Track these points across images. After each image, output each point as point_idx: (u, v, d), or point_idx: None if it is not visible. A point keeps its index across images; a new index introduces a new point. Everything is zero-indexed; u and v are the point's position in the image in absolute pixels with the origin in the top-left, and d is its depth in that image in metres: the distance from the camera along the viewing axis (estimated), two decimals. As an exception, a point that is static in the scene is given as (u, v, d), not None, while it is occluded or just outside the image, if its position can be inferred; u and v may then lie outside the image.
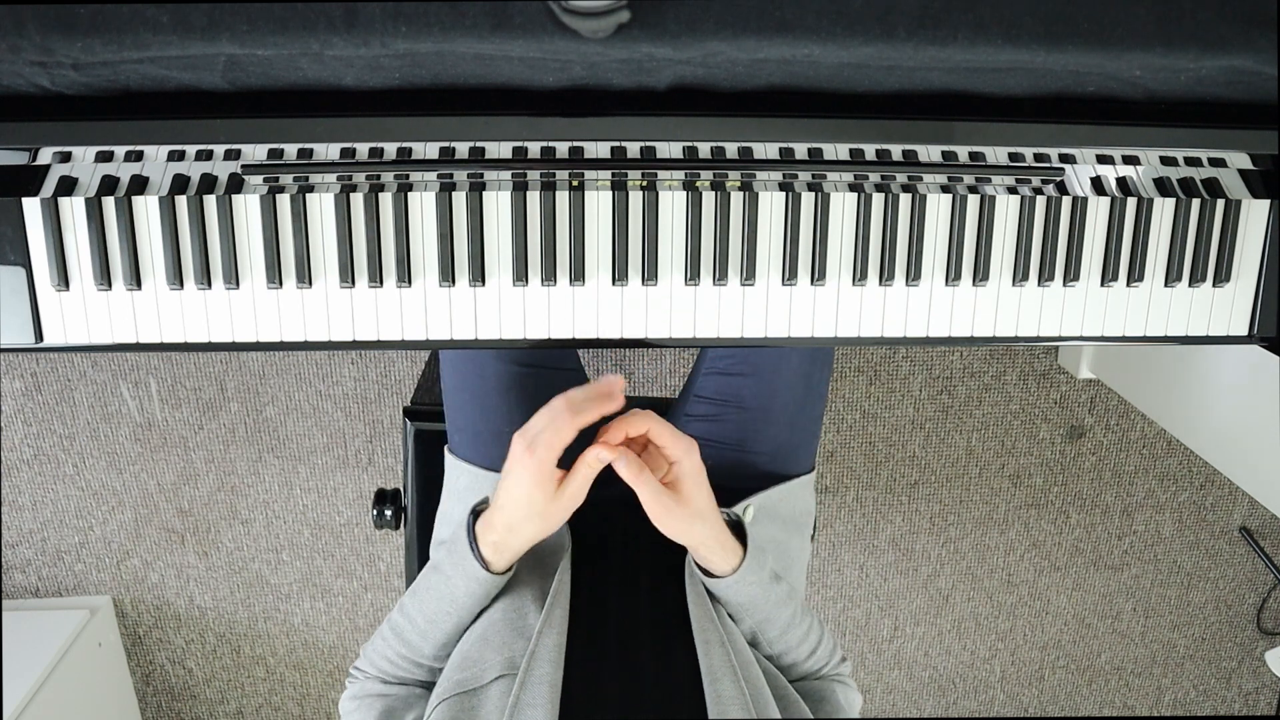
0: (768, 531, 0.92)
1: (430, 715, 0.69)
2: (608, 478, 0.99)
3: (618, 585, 0.82)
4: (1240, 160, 0.77)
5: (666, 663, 0.73)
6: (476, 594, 0.76)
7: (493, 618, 0.76)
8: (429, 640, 0.77)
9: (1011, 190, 0.76)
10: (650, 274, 0.74)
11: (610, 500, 0.96)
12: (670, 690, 0.70)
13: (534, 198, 0.73)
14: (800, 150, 0.73)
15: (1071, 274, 0.77)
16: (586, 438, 0.73)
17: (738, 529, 0.79)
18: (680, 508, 0.73)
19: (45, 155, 0.70)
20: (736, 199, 0.74)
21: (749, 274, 0.74)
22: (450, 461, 0.98)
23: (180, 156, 0.72)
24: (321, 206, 0.72)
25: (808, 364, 0.94)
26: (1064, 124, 0.69)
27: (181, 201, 0.71)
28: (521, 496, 0.72)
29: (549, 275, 0.73)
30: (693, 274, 0.74)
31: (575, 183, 0.73)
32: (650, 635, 0.76)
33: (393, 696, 0.77)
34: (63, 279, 0.71)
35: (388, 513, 1.20)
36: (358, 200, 0.72)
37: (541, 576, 0.79)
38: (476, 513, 0.78)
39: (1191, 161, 0.77)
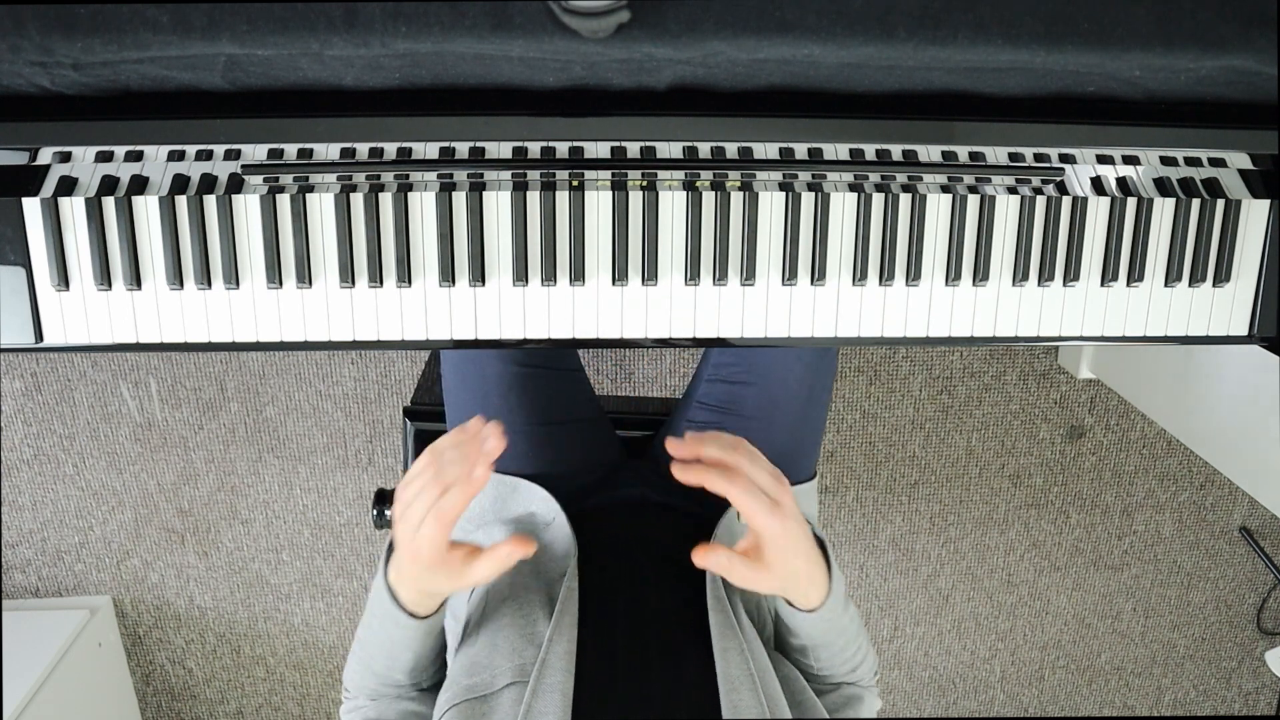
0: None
1: (441, 719, 0.69)
2: (614, 480, 0.99)
3: (626, 590, 0.81)
4: (1240, 160, 0.77)
5: (677, 668, 0.72)
6: (414, 632, 0.74)
7: (500, 624, 0.75)
8: (396, 669, 0.77)
9: (1011, 190, 0.76)
10: (650, 274, 0.74)
11: (617, 504, 0.96)
12: (681, 696, 0.70)
13: (534, 198, 0.73)
14: (800, 150, 0.73)
15: (1071, 274, 0.77)
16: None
17: (823, 549, 0.75)
18: (766, 576, 0.68)
19: (45, 155, 0.70)
20: (736, 199, 0.74)
21: (749, 274, 0.74)
22: (450, 461, 0.98)
23: (180, 156, 0.72)
24: (321, 206, 0.72)
25: (811, 374, 0.94)
26: (1064, 124, 0.69)
27: (181, 201, 0.71)
28: (412, 575, 0.69)
29: (549, 275, 0.73)
30: (693, 274, 0.74)
31: (575, 183, 0.73)
32: (659, 641, 0.75)
33: (382, 703, 0.78)
34: (63, 279, 0.71)
35: (388, 513, 1.20)
36: (358, 200, 0.72)
37: (548, 582, 0.79)
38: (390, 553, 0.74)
39: (1191, 161, 0.77)
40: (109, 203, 0.71)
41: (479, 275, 0.73)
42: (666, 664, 0.73)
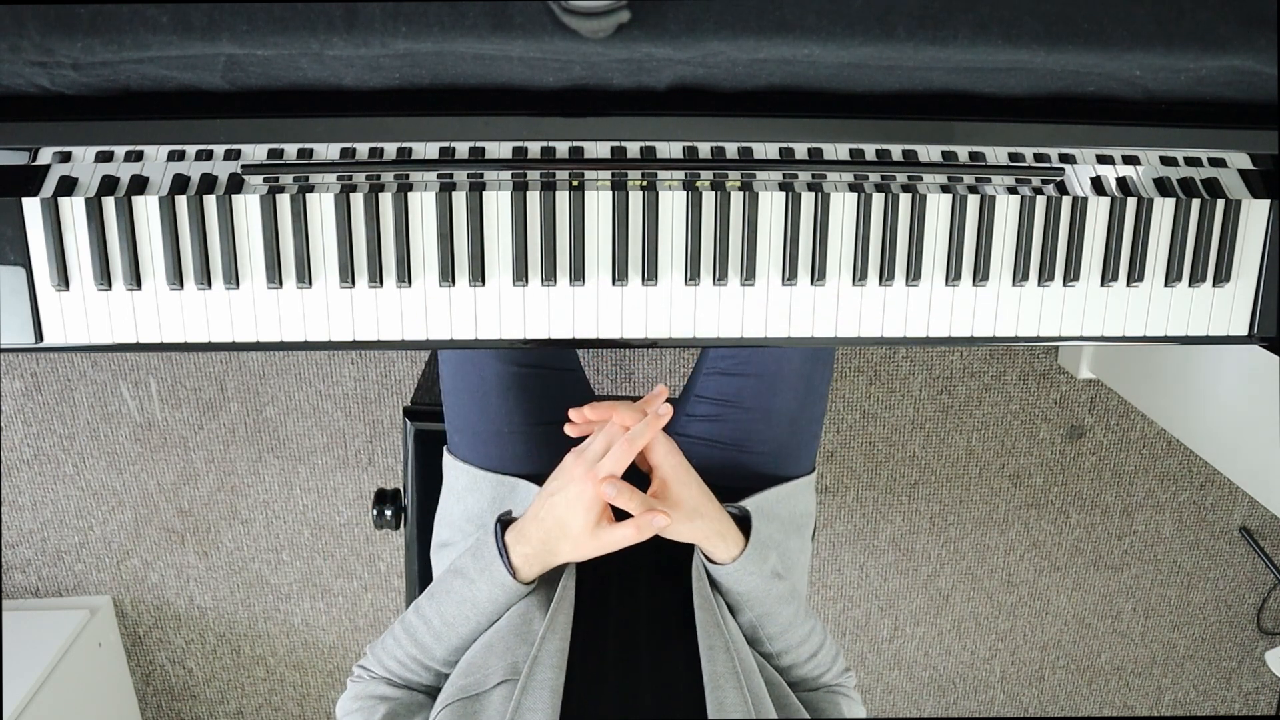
0: (765, 532, 0.92)
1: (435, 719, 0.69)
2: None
3: (618, 587, 0.82)
4: (1240, 160, 0.77)
5: (665, 666, 0.73)
6: (499, 600, 0.76)
7: (498, 624, 0.76)
8: (443, 643, 0.77)
9: (1011, 190, 0.76)
10: (650, 274, 0.74)
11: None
12: (669, 693, 0.70)
13: (534, 198, 0.73)
14: (800, 150, 0.73)
15: (1071, 274, 0.77)
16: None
17: (744, 522, 0.80)
18: (677, 515, 0.74)
19: (45, 155, 0.70)
20: (736, 199, 0.74)
21: (749, 274, 0.74)
22: (449, 462, 0.98)
23: (180, 156, 0.72)
24: (321, 206, 0.72)
25: (809, 365, 0.94)
26: (1064, 124, 0.69)
27: (181, 201, 0.71)
28: (568, 517, 0.74)
29: (549, 275, 0.73)
30: (693, 274, 0.74)
31: (575, 183, 0.73)
32: (649, 638, 0.76)
33: (396, 701, 0.77)
34: (63, 279, 0.71)
35: (388, 513, 1.20)
36: (358, 200, 0.72)
37: (546, 582, 0.79)
38: (504, 522, 0.79)
39: (1191, 161, 0.77)
40: (109, 203, 0.71)
41: (479, 275, 0.73)
42: (656, 662, 0.73)
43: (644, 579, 0.82)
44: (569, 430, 0.80)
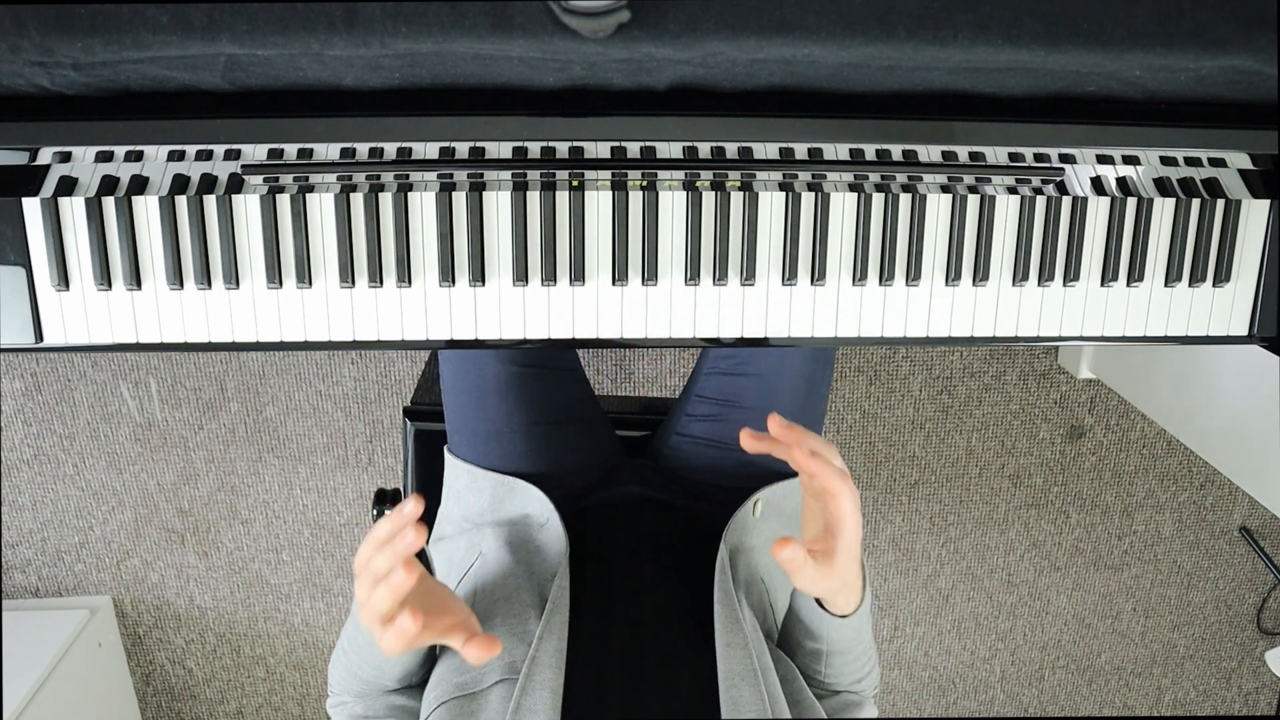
0: (772, 526, 0.92)
1: (429, 717, 0.69)
2: (613, 479, 0.99)
3: (623, 589, 0.81)
4: (1240, 160, 0.77)
5: (672, 665, 0.72)
6: (399, 662, 0.73)
7: (491, 624, 0.75)
8: (385, 678, 0.75)
9: (1011, 190, 0.76)
10: (650, 274, 0.74)
11: (616, 503, 0.96)
12: (676, 694, 0.70)
13: (534, 198, 0.73)
14: (800, 150, 0.73)
15: (1071, 274, 0.77)
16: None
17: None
18: (829, 574, 0.66)
19: (45, 155, 0.70)
20: (736, 199, 0.74)
21: (749, 274, 0.74)
22: (450, 461, 0.98)
23: (180, 156, 0.72)
24: (321, 206, 0.72)
25: (809, 364, 0.94)
26: (1064, 124, 0.69)
27: (181, 201, 0.71)
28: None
29: (549, 275, 0.73)
30: (693, 274, 0.74)
31: (575, 183, 0.73)
32: (655, 638, 0.75)
33: (374, 718, 0.77)
34: (63, 279, 0.71)
35: (388, 512, 1.19)
36: (358, 200, 0.72)
37: (540, 582, 0.79)
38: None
39: (1191, 161, 0.77)
40: (109, 203, 0.71)
41: (479, 275, 0.73)
42: (661, 663, 0.73)
43: (650, 579, 0.82)
44: (746, 444, 0.69)
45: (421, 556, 0.77)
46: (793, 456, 0.65)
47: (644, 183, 0.73)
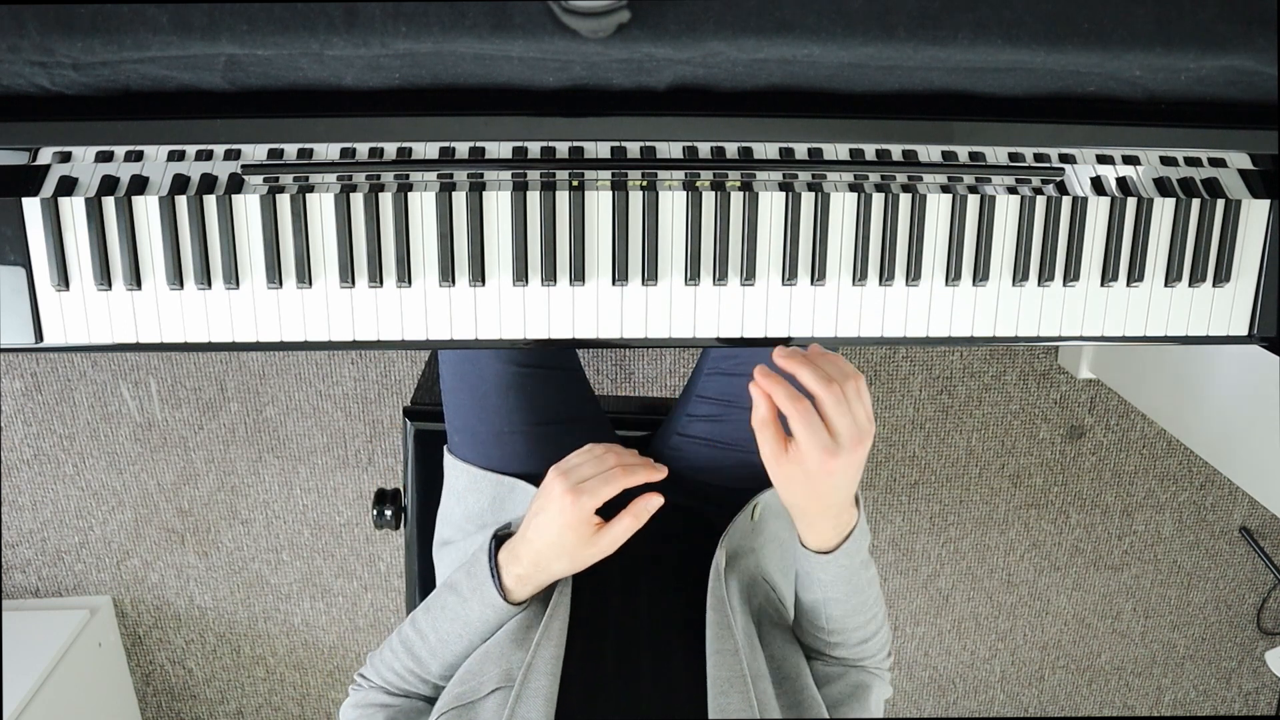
0: (773, 528, 0.92)
1: None
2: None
3: (618, 594, 0.81)
4: (1240, 160, 0.77)
5: (666, 671, 0.72)
6: (491, 620, 0.76)
7: (497, 633, 0.76)
8: (437, 658, 0.77)
9: (1011, 190, 0.76)
10: (650, 274, 0.74)
11: (615, 504, 0.96)
12: (670, 699, 0.70)
13: (534, 198, 0.73)
14: (800, 150, 0.73)
15: (1071, 274, 0.77)
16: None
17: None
18: (790, 470, 0.69)
19: (45, 155, 0.70)
20: (736, 199, 0.74)
21: (749, 274, 0.74)
22: (449, 462, 0.98)
23: (180, 156, 0.72)
24: (321, 206, 0.72)
25: (810, 365, 0.94)
26: (1064, 124, 0.69)
27: (181, 201, 0.71)
28: (555, 537, 0.73)
29: (549, 275, 0.73)
30: (693, 274, 0.74)
31: (575, 183, 0.73)
32: (649, 644, 0.75)
33: (395, 708, 0.77)
34: (63, 279, 0.71)
35: (388, 513, 1.20)
36: (358, 200, 0.72)
37: (545, 589, 0.79)
38: (499, 538, 0.78)
39: (1191, 161, 0.77)
40: (109, 203, 0.71)
41: (479, 275, 0.73)
42: (657, 668, 0.73)
43: (644, 585, 0.82)
44: (754, 389, 0.70)
45: (425, 570, 0.79)
46: (803, 378, 0.67)
47: (644, 183, 0.73)
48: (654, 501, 0.72)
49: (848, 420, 0.66)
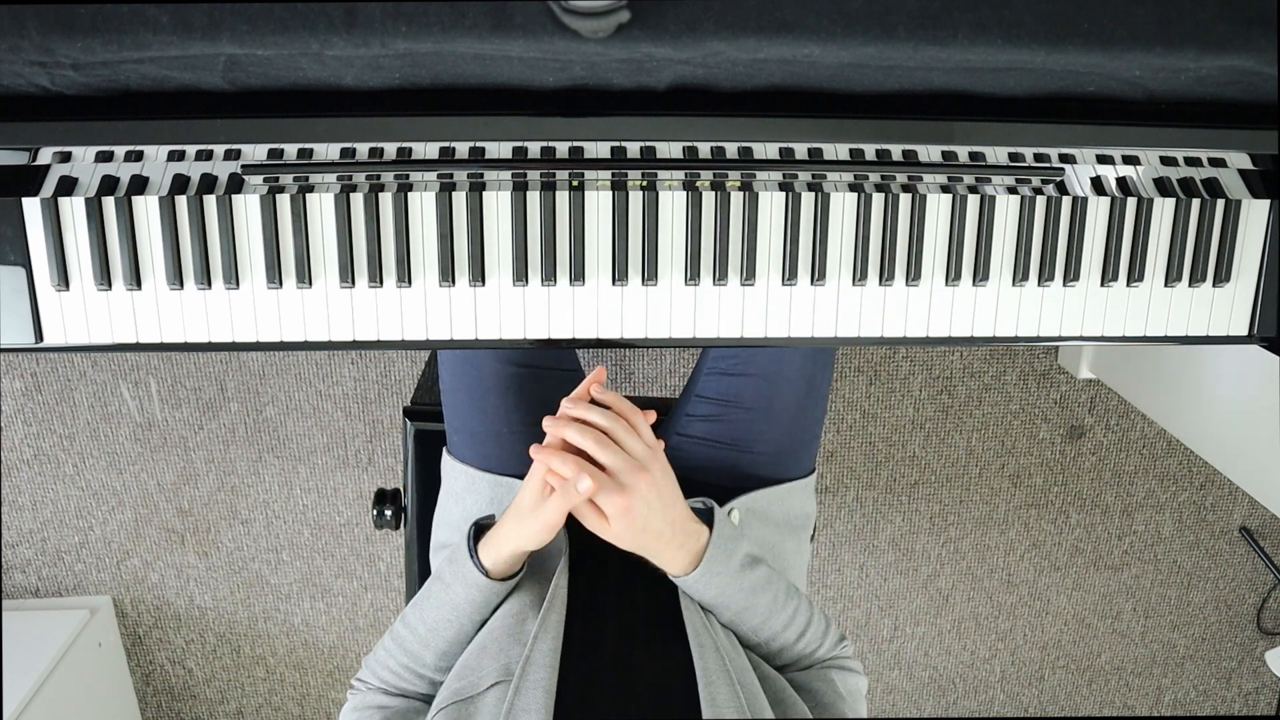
0: (758, 533, 0.92)
1: None
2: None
3: (616, 588, 0.81)
4: (1240, 160, 0.77)
5: (662, 665, 0.73)
6: (476, 601, 0.76)
7: (492, 626, 0.76)
8: (430, 648, 0.78)
9: (1011, 190, 0.76)
10: (650, 274, 0.74)
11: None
12: (666, 693, 0.70)
13: (534, 198, 0.73)
14: (800, 150, 0.73)
15: (1071, 274, 0.77)
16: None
17: (708, 518, 0.79)
18: (609, 530, 0.73)
19: (45, 155, 0.70)
20: (736, 199, 0.74)
21: (749, 274, 0.74)
22: (448, 463, 0.98)
23: (180, 156, 0.72)
24: (321, 206, 0.72)
25: (810, 365, 0.94)
26: (1064, 124, 0.69)
27: (181, 201, 0.71)
28: (522, 499, 0.75)
29: (549, 275, 0.73)
30: (693, 274, 0.74)
31: (575, 183, 0.73)
32: (646, 637, 0.76)
33: (393, 709, 0.78)
34: (63, 279, 0.71)
35: (388, 513, 1.20)
36: (358, 200, 0.72)
37: (540, 583, 0.79)
38: (479, 526, 0.79)
39: (1191, 161, 0.77)
40: (109, 203, 0.71)
41: (479, 275, 0.73)
42: (653, 662, 0.73)
43: (641, 580, 0.82)
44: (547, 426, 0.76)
45: (425, 570, 0.80)
46: (565, 433, 0.73)
47: (644, 183, 0.73)
48: (583, 484, 0.70)
49: (617, 457, 0.72)
